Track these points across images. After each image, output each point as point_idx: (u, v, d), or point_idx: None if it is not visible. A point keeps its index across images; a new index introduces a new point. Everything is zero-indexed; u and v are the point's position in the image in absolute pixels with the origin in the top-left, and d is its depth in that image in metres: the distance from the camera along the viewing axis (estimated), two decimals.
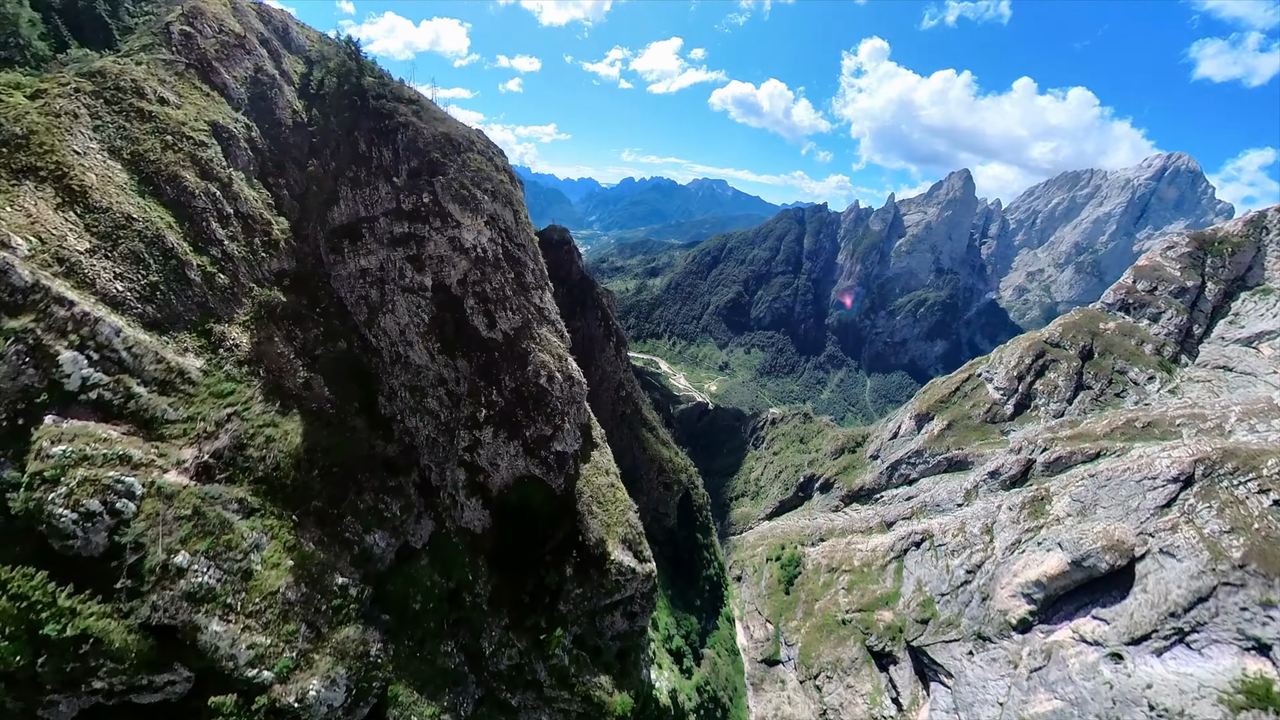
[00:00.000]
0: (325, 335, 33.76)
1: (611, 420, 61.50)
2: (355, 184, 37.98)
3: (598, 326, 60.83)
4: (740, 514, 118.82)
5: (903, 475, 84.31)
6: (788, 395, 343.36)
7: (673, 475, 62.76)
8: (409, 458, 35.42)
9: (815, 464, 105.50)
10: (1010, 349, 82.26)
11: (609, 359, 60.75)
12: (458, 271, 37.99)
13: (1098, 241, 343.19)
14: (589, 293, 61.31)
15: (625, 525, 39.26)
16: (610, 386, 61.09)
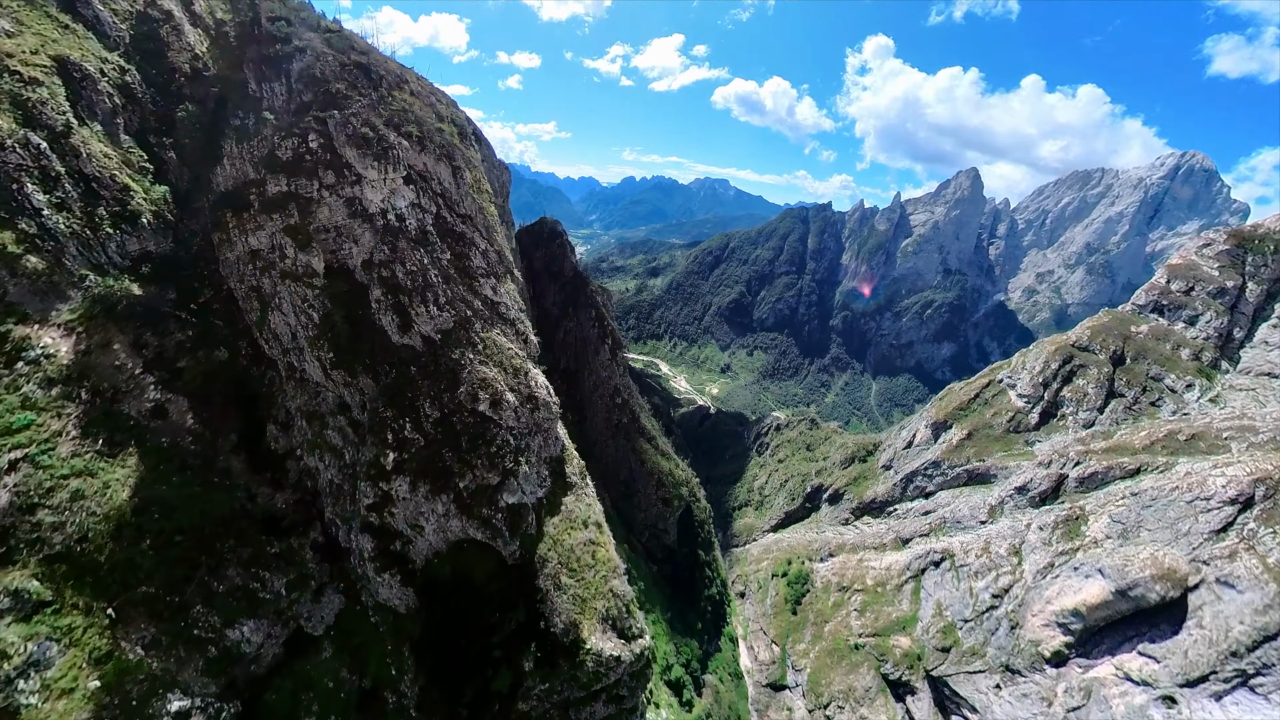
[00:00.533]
0: (197, 341, 25.54)
1: (606, 430, 57.39)
2: (241, 136, 29.53)
3: (592, 327, 56.61)
4: (743, 525, 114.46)
5: (918, 488, 79.94)
6: (791, 398, 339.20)
7: (673, 490, 58.67)
8: (307, 511, 26.98)
9: (823, 473, 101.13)
10: (1034, 353, 77.89)
11: (603, 363, 56.53)
12: (362, 249, 28.21)
13: (1109, 242, 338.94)
14: (582, 291, 57.07)
15: (607, 597, 29.14)
16: (605, 393, 56.88)
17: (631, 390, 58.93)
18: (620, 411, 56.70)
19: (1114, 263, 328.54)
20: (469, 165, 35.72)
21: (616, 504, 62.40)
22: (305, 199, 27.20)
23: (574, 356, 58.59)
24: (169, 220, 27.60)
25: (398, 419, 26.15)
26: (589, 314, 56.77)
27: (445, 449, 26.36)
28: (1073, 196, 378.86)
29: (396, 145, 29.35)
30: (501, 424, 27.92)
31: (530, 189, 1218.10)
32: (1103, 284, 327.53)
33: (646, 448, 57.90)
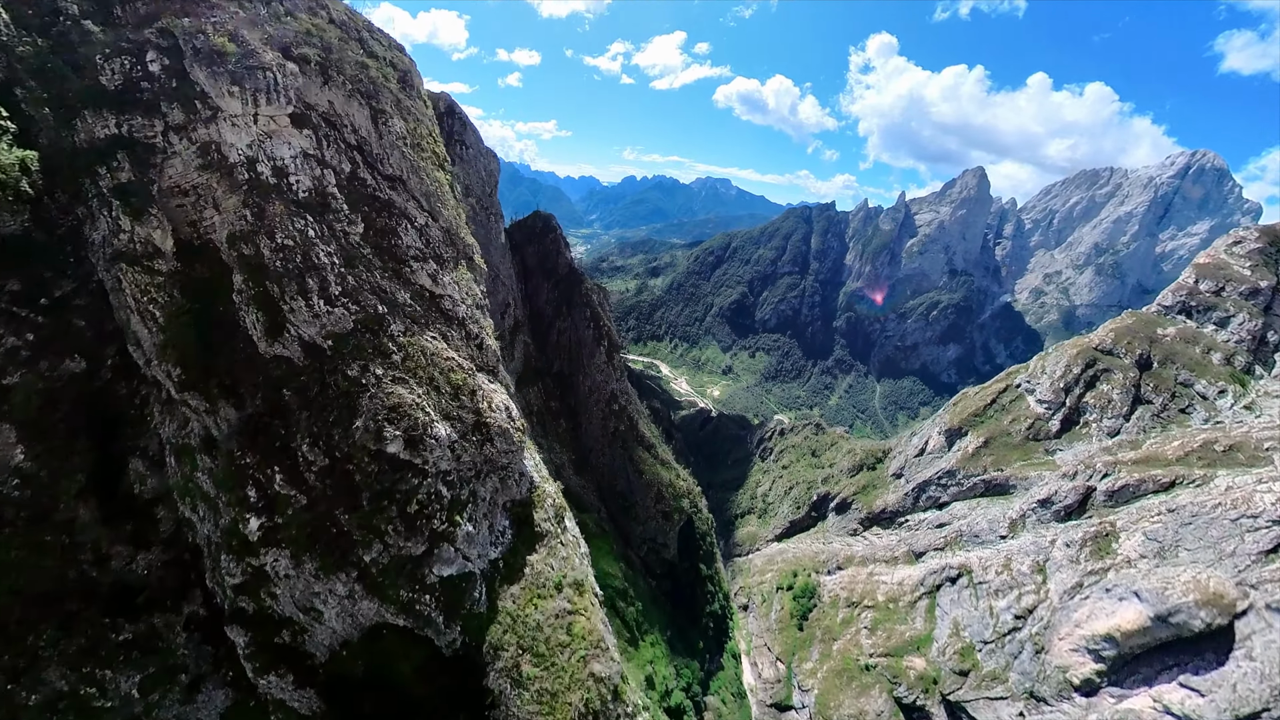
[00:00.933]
0: (40, 348, 18.87)
1: (603, 437, 54.28)
2: (97, 74, 20.69)
3: (587, 328, 53.56)
4: (746, 534, 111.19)
5: (931, 498, 76.71)
6: (794, 401, 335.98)
7: (673, 503, 55.59)
8: (182, 575, 20.21)
9: (830, 481, 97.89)
10: (1054, 357, 74.66)
11: (599, 366, 53.50)
12: (226, 218, 20.47)
13: (1119, 242, 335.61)
14: (577, 289, 54.03)
15: (586, 685, 21.94)
16: (601, 398, 53.85)
17: (630, 395, 55.90)
18: (617, 418, 53.62)
19: (1124, 263, 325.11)
20: (403, 113, 27.65)
21: (614, 515, 59.27)
22: (144, 145, 19.79)
23: (569, 359, 55.60)
24: (27, 193, 19.97)
25: (262, 468, 18.41)
26: (584, 314, 53.69)
27: (337, 507, 18.67)
28: (1081, 196, 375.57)
29: (276, 69, 21.29)
30: (427, 469, 20.10)
31: (530, 188, 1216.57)
32: (1112, 285, 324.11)
33: (645, 457, 54.78)
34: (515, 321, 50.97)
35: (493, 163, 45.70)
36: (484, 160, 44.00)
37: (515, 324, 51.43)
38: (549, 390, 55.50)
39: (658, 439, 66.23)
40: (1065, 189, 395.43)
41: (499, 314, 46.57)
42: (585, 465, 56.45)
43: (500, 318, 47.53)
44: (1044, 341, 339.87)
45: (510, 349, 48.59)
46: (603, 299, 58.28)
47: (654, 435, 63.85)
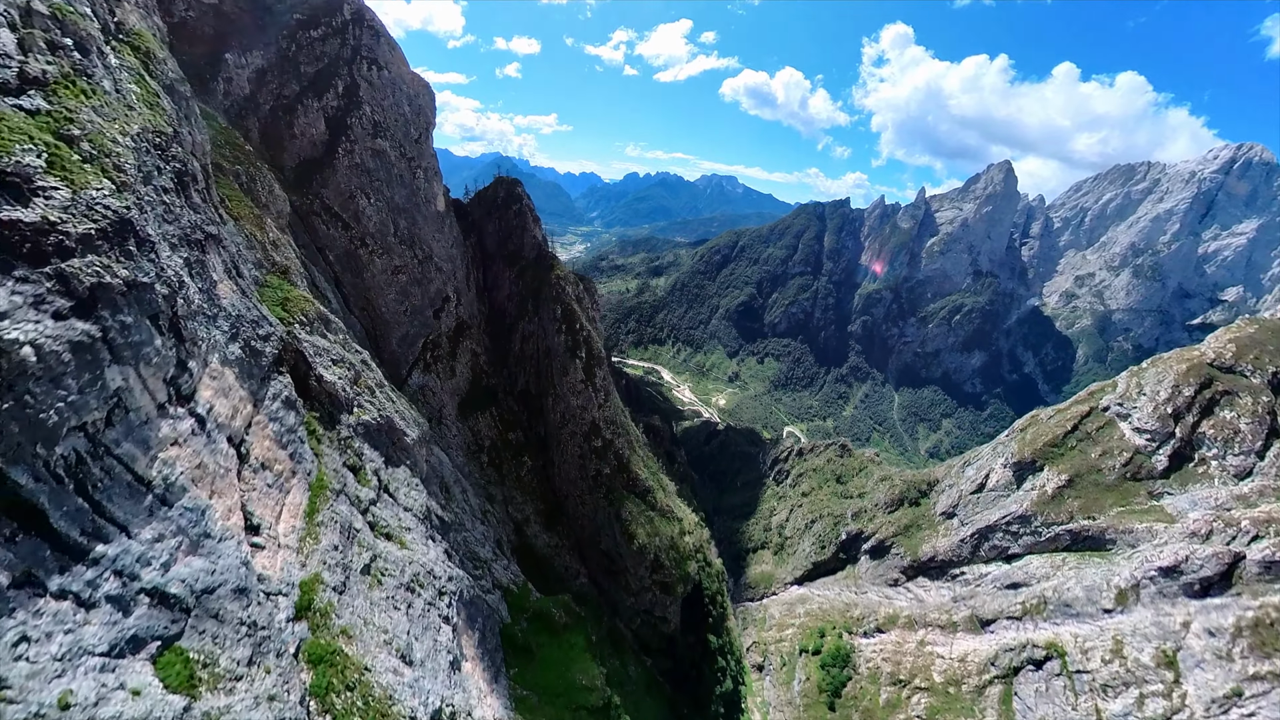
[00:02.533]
0: None
1: (581, 482, 41.82)
2: None
3: (557, 334, 41.16)
4: (760, 573, 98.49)
5: (997, 548, 64.00)
6: (805, 411, 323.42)
7: (676, 569, 42.97)
8: None
9: (863, 516, 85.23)
10: (1154, 374, 62.05)
11: (574, 386, 41.09)
12: None
13: (1158, 242, 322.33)
14: (545, 277, 41.65)
15: None
16: (577, 430, 41.40)
17: (619, 425, 43.46)
18: (600, 457, 41.26)
19: (1164, 264, 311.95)
20: None
21: (598, 579, 46.68)
22: None
23: (536, 373, 43.40)
24: None
25: None
26: (552, 312, 41.33)
27: None
28: (1115, 192, 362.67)
29: None
30: None
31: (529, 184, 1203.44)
32: (1152, 288, 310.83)
33: (639, 511, 42.23)
34: (459, 322, 38.75)
35: (424, 97, 33.49)
36: (407, 90, 31.80)
37: (459, 325, 39.16)
38: (509, 416, 43.13)
39: (656, 473, 53.67)
40: (1097, 185, 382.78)
41: (430, 310, 34.28)
42: (559, 515, 44.07)
43: (433, 316, 35.26)
44: (1076, 348, 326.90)
45: (449, 360, 36.38)
46: (582, 292, 45.79)
47: (652, 471, 51.24)
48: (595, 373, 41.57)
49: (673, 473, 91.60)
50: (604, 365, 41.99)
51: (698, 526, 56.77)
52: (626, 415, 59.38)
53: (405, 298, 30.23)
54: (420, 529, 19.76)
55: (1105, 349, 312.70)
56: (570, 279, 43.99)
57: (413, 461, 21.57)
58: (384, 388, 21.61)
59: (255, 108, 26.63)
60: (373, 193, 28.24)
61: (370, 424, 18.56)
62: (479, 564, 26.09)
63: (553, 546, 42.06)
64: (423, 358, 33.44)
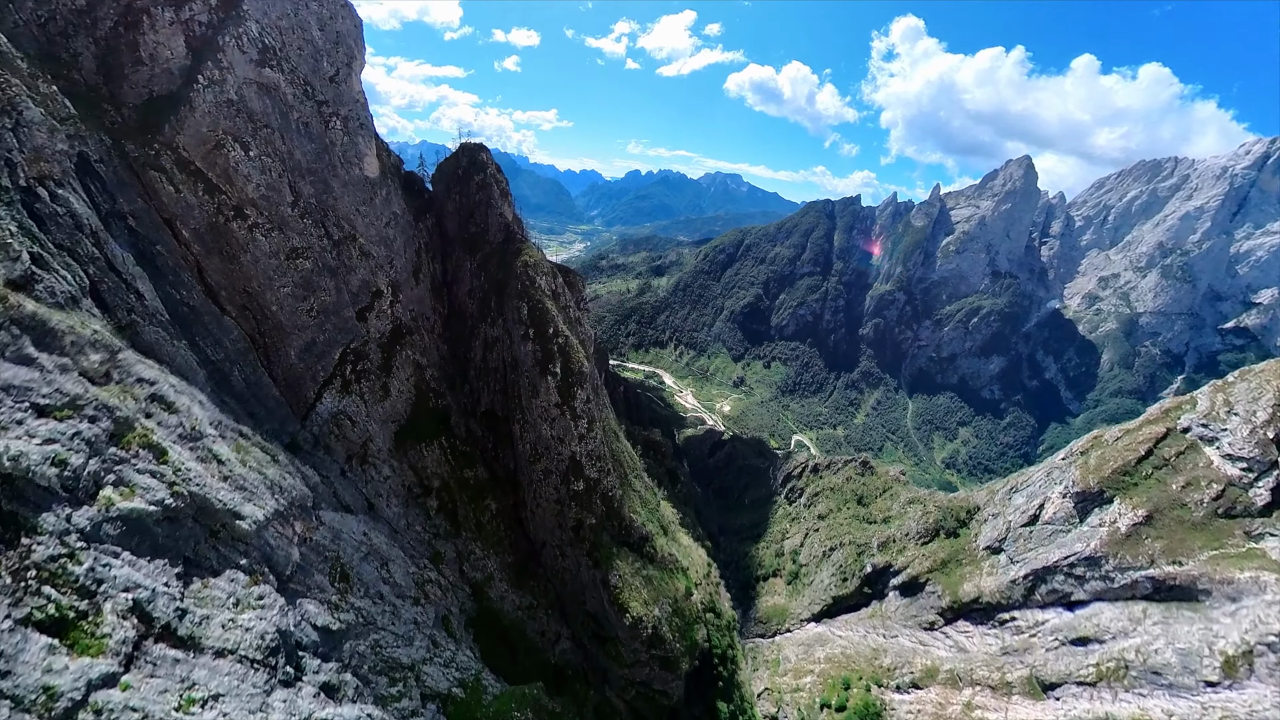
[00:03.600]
0: None
1: (559, 531, 33.39)
2: None
3: (523, 341, 32.80)
4: (772, 606, 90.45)
5: (1058, 593, 55.93)
6: (814, 419, 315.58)
7: (680, 641, 34.78)
8: None
9: (891, 547, 77.19)
10: (1246, 388, 53.91)
11: (546, 411, 32.62)
12: None
13: (1187, 241, 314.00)
14: (510, 266, 33.45)
15: None
16: (554, 467, 32.75)
17: (606, 460, 34.97)
18: (582, 505, 32.86)
19: (1195, 265, 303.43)
20: None
21: (581, 641, 38.68)
22: None
23: (502, 390, 35.36)
24: None
25: None
26: (516, 313, 33.11)
27: None
28: (1140, 189, 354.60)
29: None
30: None
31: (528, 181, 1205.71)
32: (1182, 290, 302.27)
33: (632, 569, 33.70)
34: (396, 325, 30.92)
35: (345, 21, 25.47)
36: (318, 9, 23.96)
37: (396, 330, 31.27)
38: (466, 448, 35.08)
39: (655, 510, 45.37)
40: (1121, 182, 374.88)
41: (352, 310, 26.50)
42: (531, 570, 36.09)
43: (357, 318, 27.47)
44: (1101, 353, 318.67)
45: (381, 376, 28.61)
46: (560, 286, 37.38)
47: (651, 509, 42.64)
48: (575, 393, 33.18)
49: (675, 494, 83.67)
50: (588, 383, 33.74)
51: (707, 571, 48.58)
52: (621, 434, 51.46)
53: (310, 292, 22.46)
54: (255, 679, 11.75)
55: (1132, 354, 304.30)
56: (543, 268, 35.61)
57: (262, 555, 13.73)
58: (205, 440, 13.76)
59: (91, 24, 18.79)
60: (256, 143, 20.50)
61: (142, 515, 10.80)
62: (398, 674, 18.33)
63: (525, 608, 34.16)
64: (339, 374, 25.61)
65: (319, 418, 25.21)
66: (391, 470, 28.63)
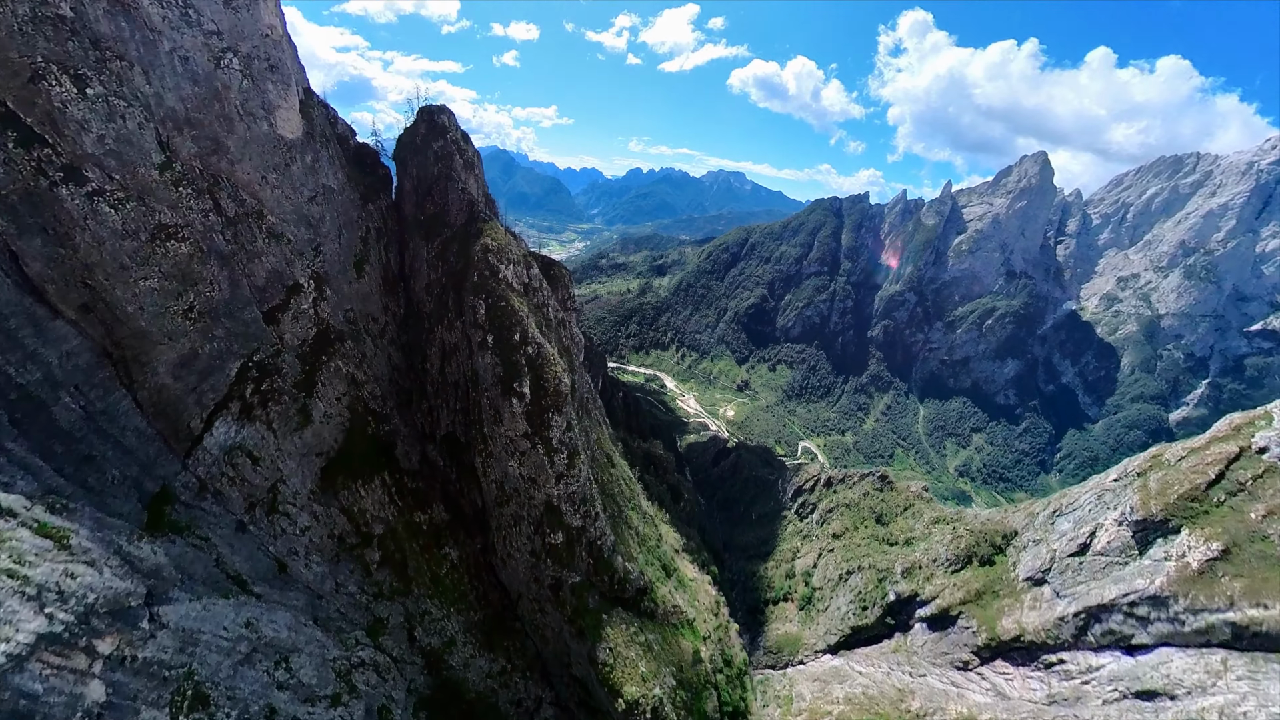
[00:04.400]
0: None
1: (534, 584, 26.81)
2: None
3: (482, 350, 26.54)
4: (783, 635, 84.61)
5: (1115, 634, 50.11)
6: (822, 425, 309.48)
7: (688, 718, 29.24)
8: None
9: (915, 574, 71.30)
10: None
11: (513, 443, 25.78)
12: None
13: (1211, 240, 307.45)
14: (467, 252, 27.32)
15: None
16: (523, 517, 25.88)
17: (593, 503, 28.29)
18: (560, 562, 26.48)
19: (1219, 265, 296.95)
20: None
21: (568, 706, 32.83)
22: None
23: (462, 411, 29.36)
24: None
25: None
26: (473, 314, 27.14)
27: None
28: (1160, 186, 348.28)
29: None
30: None
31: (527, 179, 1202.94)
32: (1206, 290, 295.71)
33: (626, 636, 27.50)
34: (322, 329, 25.19)
35: None
36: None
37: (322, 335, 25.48)
38: (418, 484, 29.21)
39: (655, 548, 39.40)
40: (1140, 178, 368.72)
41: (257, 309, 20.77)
42: (506, 625, 30.31)
43: (265, 320, 21.71)
44: (1121, 357, 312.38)
45: (299, 396, 22.90)
46: (535, 279, 30.84)
47: (650, 548, 36.72)
48: (550, 420, 27.02)
49: (678, 512, 77.91)
50: (568, 405, 27.57)
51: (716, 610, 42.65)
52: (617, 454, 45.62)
53: (187, 286, 16.88)
54: None
55: (1154, 357, 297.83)
56: (510, 256, 29.03)
57: (12, 714, 8.09)
58: None
59: None
60: (101, 79, 14.84)
61: None
62: None
63: (497, 674, 28.47)
64: (237, 395, 19.85)
65: (207, 455, 19.54)
66: (314, 518, 22.96)
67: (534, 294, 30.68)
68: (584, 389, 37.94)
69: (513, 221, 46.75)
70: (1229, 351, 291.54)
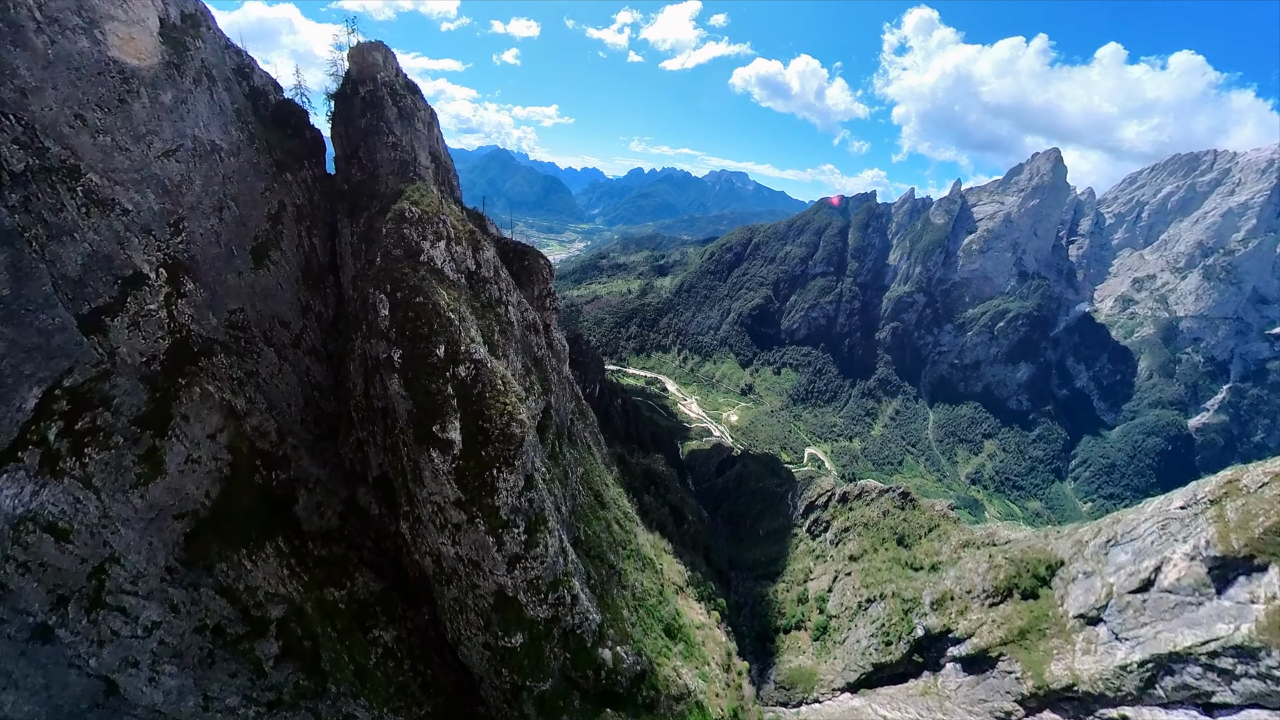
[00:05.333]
0: None
1: (496, 685, 20.32)
2: None
3: (389, 372, 18.48)
4: (796, 668, 77.99)
5: (1192, 689, 43.65)
6: (828, 430, 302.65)
7: None
8: None
9: (947, 606, 64.73)
10: None
11: (440, 513, 18.52)
12: None
13: (1230, 240, 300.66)
14: (373, 230, 20.17)
15: None
16: (468, 606, 18.02)
17: (567, 585, 20.92)
18: (520, 671, 19.06)
19: (1240, 266, 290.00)
20: None
21: None
22: None
23: (390, 449, 22.18)
24: None
25: None
26: (378, 316, 19.68)
27: None
28: (1176, 185, 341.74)
29: None
30: None
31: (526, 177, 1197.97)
32: (1226, 292, 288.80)
33: None
34: (179, 340, 18.41)
35: None
36: None
37: (179, 348, 18.54)
38: (331, 549, 22.31)
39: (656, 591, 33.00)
40: (1155, 177, 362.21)
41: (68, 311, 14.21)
42: (467, 710, 23.84)
43: (90, 329, 15.25)
44: (1137, 360, 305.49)
45: (144, 432, 16.45)
46: (491, 265, 22.22)
47: (652, 604, 30.28)
48: (497, 480, 19.35)
49: (682, 536, 71.36)
50: (523, 454, 19.90)
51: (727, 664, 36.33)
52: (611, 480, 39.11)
53: None
54: None
55: (1172, 361, 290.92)
56: (442, 228, 21.47)
57: None
58: None
59: None
60: None
61: None
62: None
63: None
64: (34, 439, 13.48)
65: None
66: (170, 608, 16.43)
67: (483, 287, 23.52)
68: (566, 412, 31.28)
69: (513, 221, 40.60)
70: (1250, 355, 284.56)
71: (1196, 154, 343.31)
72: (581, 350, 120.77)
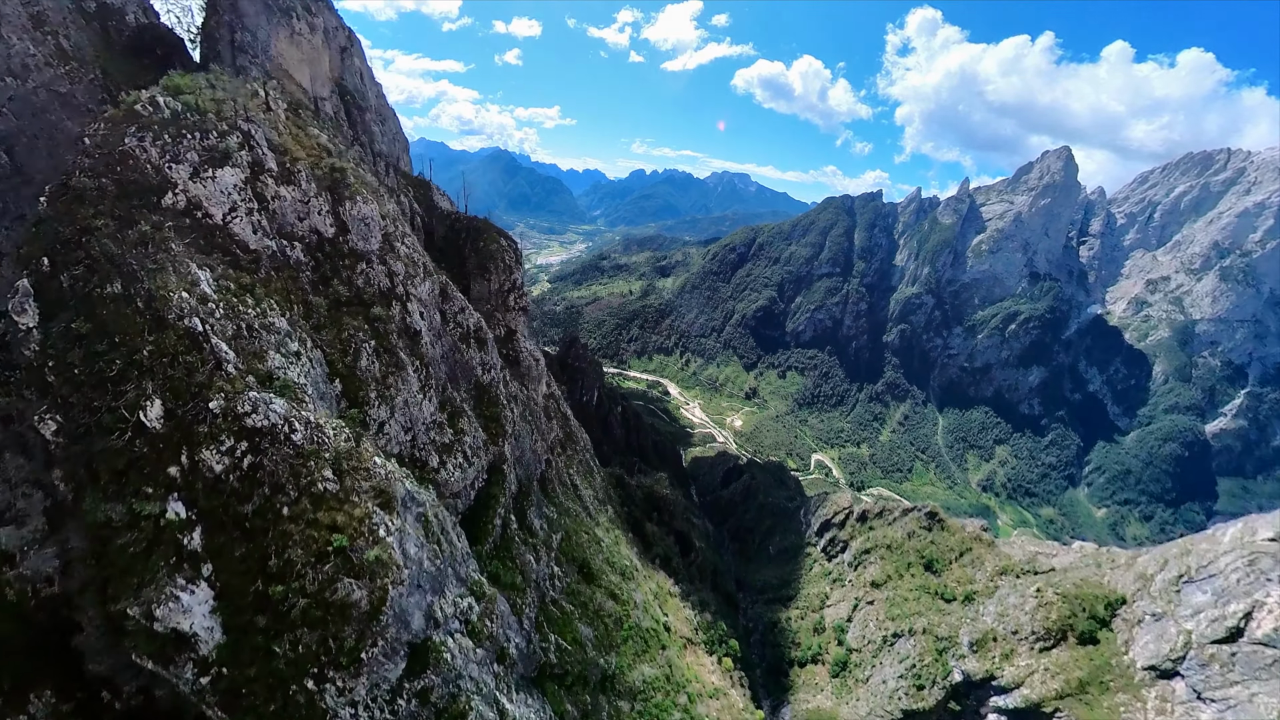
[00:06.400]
0: None
1: None
2: None
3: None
4: (814, 710, 71.00)
5: None
6: (835, 435, 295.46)
7: None
8: None
9: (988, 648, 57.71)
10: None
11: None
12: None
13: (1247, 240, 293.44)
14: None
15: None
16: None
17: None
18: None
19: (1258, 267, 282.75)
20: None
21: None
22: None
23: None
24: None
25: None
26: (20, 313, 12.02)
27: None
28: (1189, 184, 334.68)
29: None
30: None
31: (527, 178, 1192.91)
32: (1244, 294, 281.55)
33: None
34: None
35: None
36: None
37: None
38: None
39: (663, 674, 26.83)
40: (1167, 176, 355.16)
41: None
42: None
43: None
44: (1152, 364, 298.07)
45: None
46: (390, 219, 15.51)
47: (657, 702, 24.08)
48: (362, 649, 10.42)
49: (689, 568, 64.45)
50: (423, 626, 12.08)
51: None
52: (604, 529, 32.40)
53: None
54: None
55: (1188, 365, 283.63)
56: (218, 130, 12.76)
57: None
58: None
59: None
60: None
61: None
62: None
63: None
64: None
65: None
66: None
67: (346, 270, 14.64)
68: (538, 455, 24.18)
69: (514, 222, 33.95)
70: (1269, 359, 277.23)
71: (1210, 153, 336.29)
72: (579, 355, 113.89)
